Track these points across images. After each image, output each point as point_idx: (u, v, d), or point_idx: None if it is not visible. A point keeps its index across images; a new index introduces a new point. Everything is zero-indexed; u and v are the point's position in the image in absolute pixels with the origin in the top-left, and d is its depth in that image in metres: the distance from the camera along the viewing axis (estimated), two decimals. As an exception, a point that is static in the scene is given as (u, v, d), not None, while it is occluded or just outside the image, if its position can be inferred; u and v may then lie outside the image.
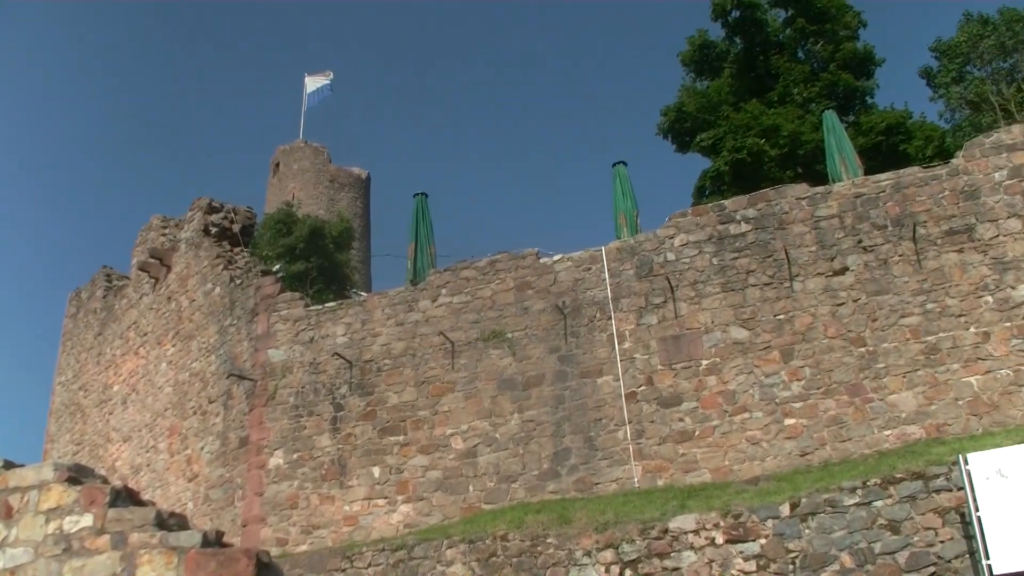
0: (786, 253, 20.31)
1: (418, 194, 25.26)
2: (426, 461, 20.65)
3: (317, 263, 35.38)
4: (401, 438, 21.01)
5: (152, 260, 28.92)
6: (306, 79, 60.51)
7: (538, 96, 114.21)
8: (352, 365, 21.99)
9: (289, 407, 22.08)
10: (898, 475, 15.26)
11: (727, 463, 18.97)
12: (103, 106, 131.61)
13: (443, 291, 22.28)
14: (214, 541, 9.39)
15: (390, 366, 21.82)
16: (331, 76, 60.34)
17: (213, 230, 27.15)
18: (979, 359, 18.61)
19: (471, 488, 20.15)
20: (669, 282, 20.74)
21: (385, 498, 20.57)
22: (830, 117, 24.80)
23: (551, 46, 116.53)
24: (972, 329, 18.90)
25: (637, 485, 19.14)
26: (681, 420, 19.61)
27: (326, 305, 23.69)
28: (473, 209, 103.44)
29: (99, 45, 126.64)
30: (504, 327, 21.47)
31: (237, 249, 26.57)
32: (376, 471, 20.86)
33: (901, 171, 21.18)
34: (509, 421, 20.55)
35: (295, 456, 21.53)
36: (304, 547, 20.38)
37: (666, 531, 15.85)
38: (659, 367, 20.21)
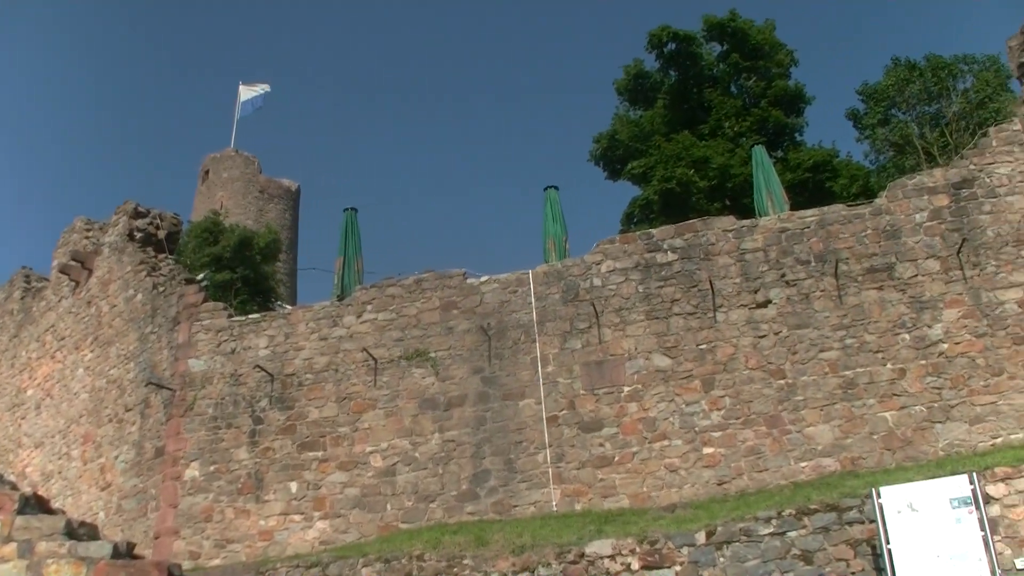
0: (711, 284, 20.56)
1: (348, 209, 25.19)
2: (344, 478, 20.50)
3: (243, 274, 34.95)
4: (320, 454, 20.84)
5: (73, 263, 28.37)
6: (241, 88, 59.95)
7: (474, 116, 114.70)
8: (273, 378, 21.79)
9: (207, 418, 21.80)
10: (812, 506, 15.50)
11: (645, 489, 19.09)
12: (27, 103, 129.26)
13: (368, 307, 22.20)
14: (125, 553, 9.24)
15: (312, 381, 21.65)
16: (267, 88, 59.84)
17: (138, 235, 26.76)
18: (894, 395, 19.00)
19: (389, 507, 20.04)
20: (594, 308, 20.88)
21: (301, 514, 20.37)
22: (759, 152, 25.16)
23: (489, 67, 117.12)
24: (889, 365, 19.30)
25: (555, 509, 19.18)
26: (601, 445, 19.71)
27: (250, 316, 23.46)
28: (402, 226, 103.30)
29: (27, 39, 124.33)
30: (428, 346, 21.44)
31: (161, 256, 26.20)
32: (293, 486, 20.66)
33: (826, 208, 21.58)
34: (430, 440, 20.49)
35: (211, 468, 21.24)
36: (217, 561, 20.10)
37: (583, 555, 15.90)
38: (581, 392, 20.31)
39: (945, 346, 19.30)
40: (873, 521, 14.82)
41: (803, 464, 18.73)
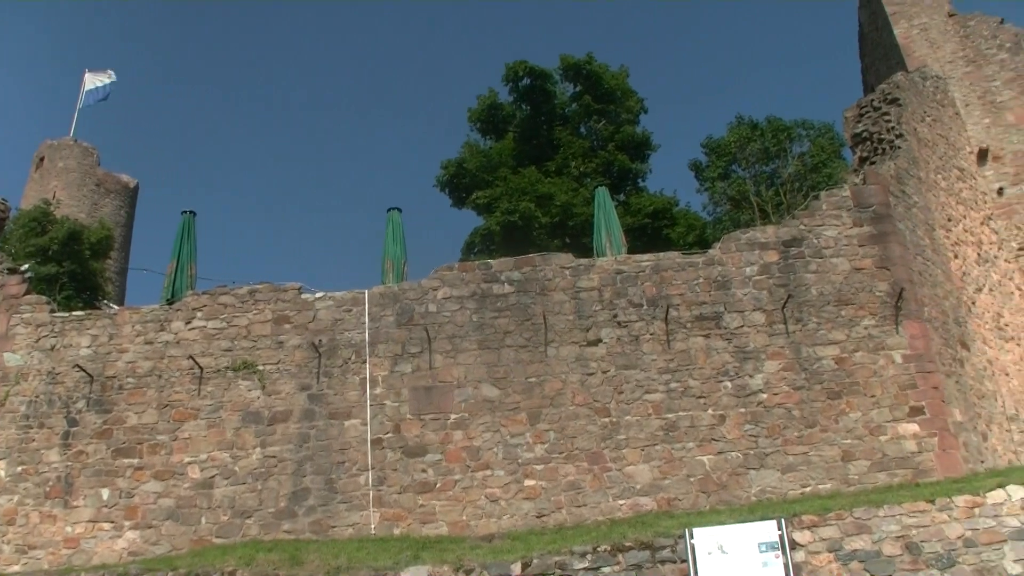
0: (544, 319, 20.83)
1: (186, 212, 24.59)
2: (159, 488, 19.93)
3: (70, 268, 33.71)
4: (136, 461, 20.22)
5: None
6: (86, 75, 57.87)
7: (324, 130, 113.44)
8: (93, 380, 21.07)
9: (19, 416, 20.93)
10: (627, 543, 15.72)
11: (465, 518, 19.13)
12: None
13: (199, 314, 21.71)
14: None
15: (133, 385, 21.03)
16: (112, 77, 57.92)
17: (-40, 219, 25.62)
18: (713, 440, 19.57)
19: (204, 520, 19.56)
20: (428, 333, 20.90)
21: (111, 522, 19.70)
22: (602, 194, 25.61)
23: (345, 82, 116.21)
24: (710, 411, 19.86)
25: (374, 532, 19.05)
26: (424, 471, 19.68)
27: (73, 313, 22.64)
28: (241, 235, 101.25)
29: None
30: (257, 359, 21.09)
31: (-16, 242, 25.13)
32: (105, 493, 19.98)
33: (661, 254, 22.13)
34: (250, 455, 20.12)
35: (19, 469, 20.39)
36: (17, 568, 19.26)
37: (397, 580, 15.79)
38: (408, 416, 20.26)
39: (764, 396, 19.99)
40: (685, 561, 15.17)
41: (621, 502, 19.08)
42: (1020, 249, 30.71)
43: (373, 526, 19.20)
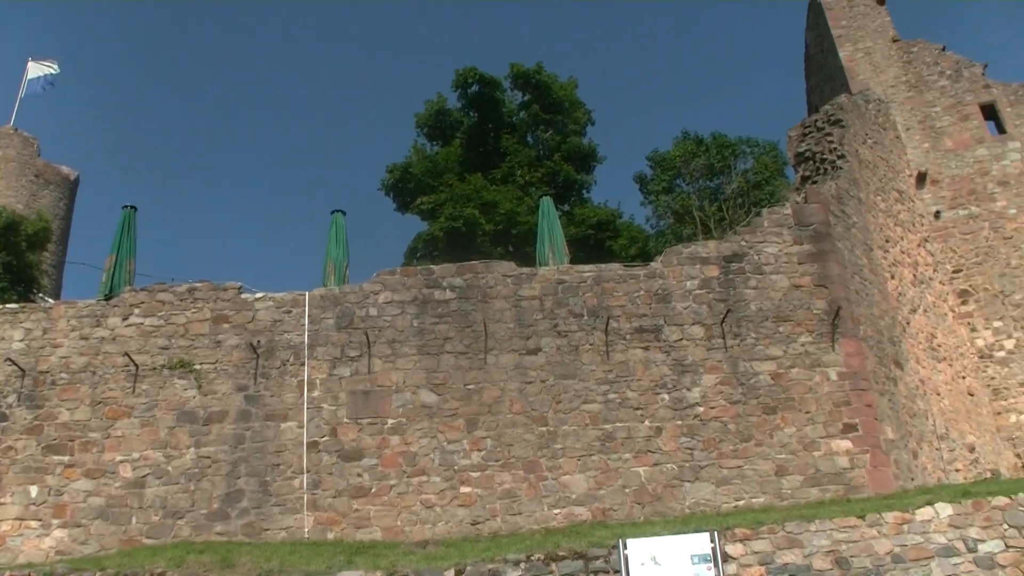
0: (485, 326, 20.83)
1: (127, 206, 24.25)
2: (90, 486, 19.62)
3: (5, 260, 33.13)
4: (67, 458, 19.89)
5: None
6: (29, 63, 56.94)
7: (270, 128, 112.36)
8: (25, 374, 20.71)
9: (-53, 409, 20.51)
10: (561, 553, 15.74)
11: (399, 523, 19.05)
12: None
13: (136, 311, 21.44)
14: None
15: (66, 381, 20.70)
16: (56, 67, 57.06)
17: None
18: (649, 451, 19.68)
19: (134, 520, 19.28)
20: (367, 337, 20.81)
21: (39, 520, 19.34)
22: (547, 203, 25.65)
23: (292, 80, 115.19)
24: (647, 423, 19.98)
25: (307, 536, 18.90)
26: (360, 475, 19.58)
27: (7, 306, 22.23)
28: (182, 232, 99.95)
29: None
30: (194, 358, 20.86)
31: (-84, 232, 24.64)
32: (33, 490, 19.61)
33: (603, 266, 22.23)
34: (184, 455, 19.88)
35: (-55, 463, 19.98)
36: (-62, 563, 18.87)
37: (329, 584, 15.68)
38: (345, 420, 20.15)
39: (701, 409, 20.15)
40: (618, 571, 15.21)
41: (556, 511, 19.12)
42: (955, 272, 31.34)
43: (307, 530, 19.05)
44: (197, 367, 20.75)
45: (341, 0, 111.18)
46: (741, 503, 19.13)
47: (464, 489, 19.43)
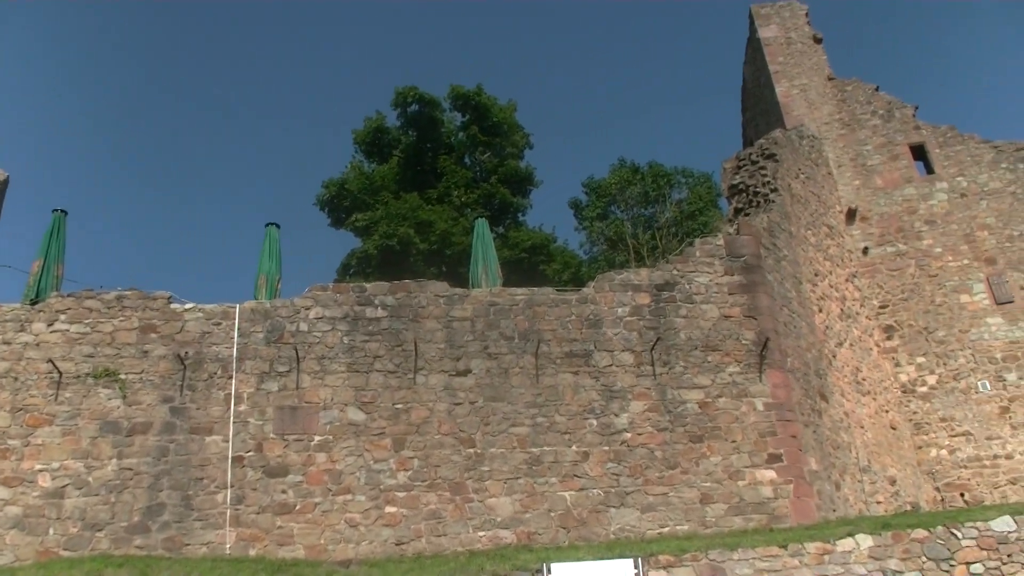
0: (415, 345, 20.75)
1: (57, 210, 23.81)
2: (7, 495, 19.15)
3: (-73, 263, 32.51)
4: (-18, 466, 19.43)
5: None
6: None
7: (206, 136, 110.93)
8: (-58, 379, 20.23)
9: None
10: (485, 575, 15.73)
11: (323, 542, 18.86)
12: None
13: (62, 317, 21.04)
14: None
15: (-14, 387, 20.24)
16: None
17: None
18: (576, 476, 19.69)
19: (52, 531, 18.85)
20: (297, 352, 20.63)
21: (-49, 528, 18.86)
22: (482, 225, 25.60)
23: (230, 89, 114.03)
24: (574, 447, 20.00)
25: (229, 552, 18.62)
26: (284, 492, 19.36)
27: (-74, 309, 21.74)
28: (114, 239, 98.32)
29: None
30: (119, 367, 20.51)
31: None
32: (-54, 497, 19.14)
33: (536, 289, 22.28)
34: (106, 466, 19.51)
35: None
36: None
37: (247, 602, 15.50)
38: (271, 435, 19.92)
39: (628, 435, 20.23)
40: (541, 595, 15.23)
41: (482, 533, 19.04)
42: (881, 307, 31.87)
43: (228, 546, 18.78)
44: (123, 376, 20.40)
45: (284, 11, 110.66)
46: (666, 530, 19.20)
47: (389, 509, 19.29)
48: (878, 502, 24.81)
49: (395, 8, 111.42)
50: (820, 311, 26.60)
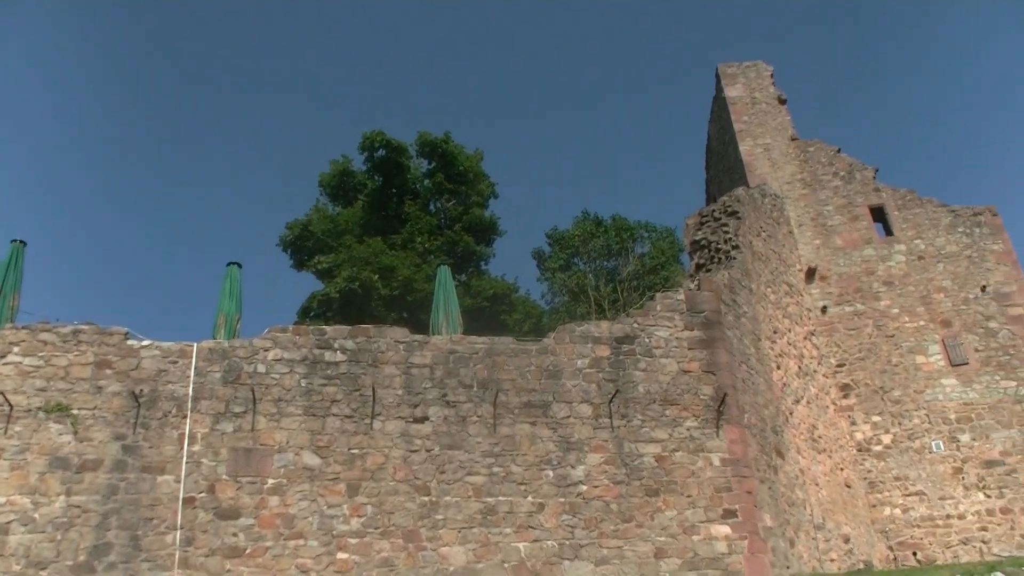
0: (373, 391, 20.66)
1: (16, 241, 23.59)
2: (-51, 530, 18.83)
3: None
4: (-74, 500, 19.08)
5: None
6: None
7: (169, 170, 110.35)
8: None
9: None
10: (432, 626, 15.61)
11: (272, 587, 18.63)
12: None
13: (15, 349, 20.76)
14: None
15: (-66, 420, 19.92)
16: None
17: None
18: (530, 527, 19.59)
19: (-7, 568, 18.55)
20: (254, 393, 20.47)
21: None
22: (444, 272, 25.63)
23: (196, 124, 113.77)
24: (530, 498, 19.91)
25: (175, 595, 18.37)
26: (235, 535, 19.12)
27: None
28: (73, 272, 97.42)
29: None
30: (72, 402, 20.25)
31: None
32: None
33: (496, 338, 22.26)
34: (53, 503, 19.21)
35: None
36: None
37: (192, 646, 15.26)
38: (224, 477, 19.70)
39: (584, 488, 20.17)
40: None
41: (432, 582, 18.89)
42: (838, 366, 32.11)
43: (175, 588, 18.51)
44: (75, 412, 20.14)
45: (254, 51, 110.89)
46: (619, 583, 19.14)
47: (341, 555, 19.09)
48: (832, 560, 24.86)
49: (365, 53, 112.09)
50: (778, 368, 26.77)
